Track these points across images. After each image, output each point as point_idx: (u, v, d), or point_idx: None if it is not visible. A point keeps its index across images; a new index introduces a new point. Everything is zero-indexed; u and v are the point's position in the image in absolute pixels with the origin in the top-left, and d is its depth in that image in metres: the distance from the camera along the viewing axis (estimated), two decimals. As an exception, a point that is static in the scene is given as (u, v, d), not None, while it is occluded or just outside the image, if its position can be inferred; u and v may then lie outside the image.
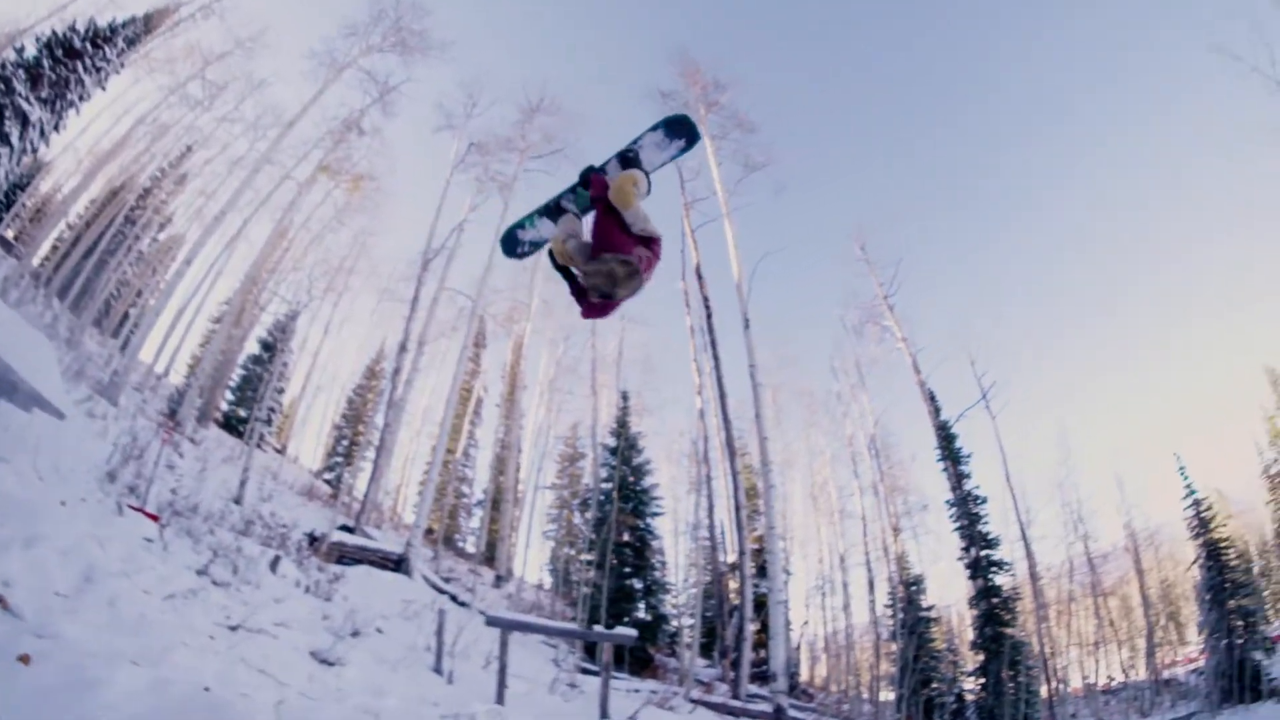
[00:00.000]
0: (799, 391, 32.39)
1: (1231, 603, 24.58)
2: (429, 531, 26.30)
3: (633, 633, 10.76)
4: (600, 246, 3.78)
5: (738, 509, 20.56)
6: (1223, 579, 25.35)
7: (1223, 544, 27.18)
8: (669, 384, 70.74)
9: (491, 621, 9.66)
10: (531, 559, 66.00)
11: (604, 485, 23.65)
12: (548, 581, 27.85)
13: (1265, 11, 19.87)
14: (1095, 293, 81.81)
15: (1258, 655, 23.09)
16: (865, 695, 27.31)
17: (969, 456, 25.17)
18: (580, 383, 29.97)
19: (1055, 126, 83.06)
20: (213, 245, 24.81)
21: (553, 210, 4.38)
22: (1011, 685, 22.24)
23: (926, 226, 75.69)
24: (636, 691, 14.82)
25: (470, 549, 31.52)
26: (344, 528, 16.95)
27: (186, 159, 31.41)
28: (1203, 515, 26.70)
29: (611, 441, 24.53)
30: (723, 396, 21.82)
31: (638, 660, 19.91)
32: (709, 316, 22.29)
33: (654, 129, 4.19)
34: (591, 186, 4.05)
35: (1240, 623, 23.94)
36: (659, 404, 36.56)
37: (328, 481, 30.46)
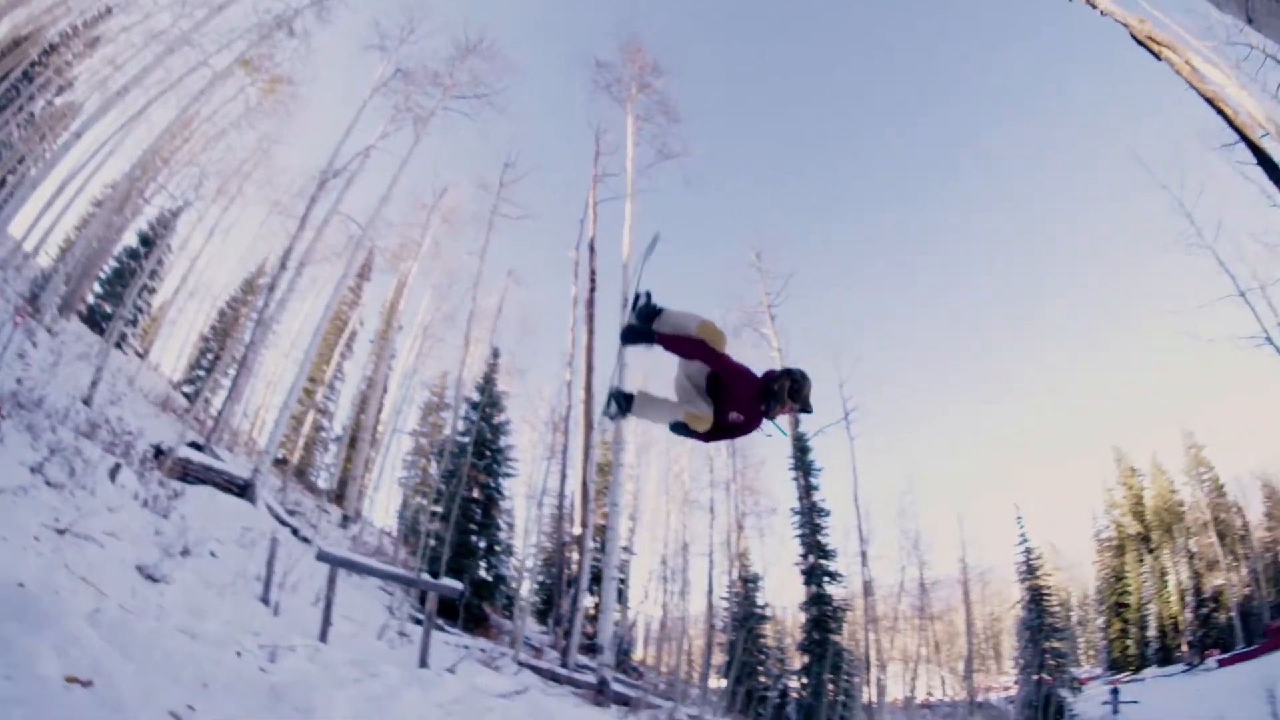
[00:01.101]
0: (669, 381, 32.95)
1: (1046, 643, 27.22)
2: (281, 462, 25.73)
3: (459, 585, 11.04)
4: (737, 381, 4.10)
5: (587, 482, 21.32)
6: (1041, 621, 27.97)
7: (1046, 590, 30.04)
8: (543, 349, 72.98)
9: (322, 557, 9.75)
10: (383, 504, 65.45)
11: (461, 438, 23.66)
12: (396, 529, 27.58)
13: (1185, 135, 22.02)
14: (970, 342, 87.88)
15: (1064, 692, 26.02)
16: (694, 680, 28.52)
17: (820, 470, 26.96)
18: (456, 332, 29.58)
19: (953, 173, 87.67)
20: (110, 121, 23.10)
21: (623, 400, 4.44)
22: (832, 688, 23.85)
23: (821, 250, 79.08)
24: (466, 648, 15.05)
25: (322, 485, 30.69)
26: (194, 445, 16.47)
27: (103, 21, 28.49)
28: (1031, 562, 29.38)
29: (476, 396, 24.50)
30: (590, 369, 22.55)
31: (473, 618, 20.20)
32: (592, 290, 22.90)
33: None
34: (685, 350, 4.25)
35: (1052, 661, 26.62)
36: (530, 367, 36.96)
37: (186, 395, 29.15)
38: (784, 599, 29.66)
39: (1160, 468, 41.96)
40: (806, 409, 4.07)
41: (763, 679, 25.92)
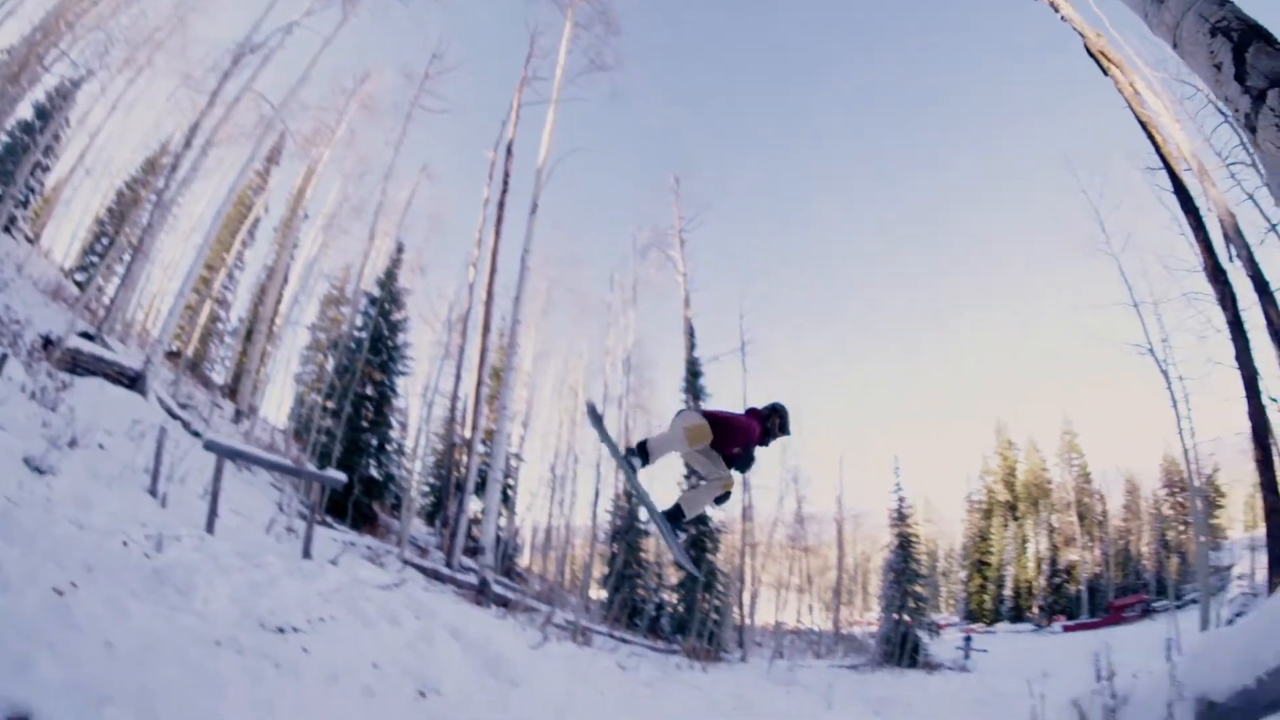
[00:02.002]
0: (572, 291, 33.28)
1: (909, 587, 29.20)
2: (175, 354, 24.89)
3: (342, 476, 11.06)
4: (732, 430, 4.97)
5: (480, 385, 21.75)
6: (906, 566, 29.94)
7: (914, 539, 32.11)
8: (449, 248, 70.60)
9: (210, 446, 9.79)
10: (277, 399, 63.75)
11: (358, 333, 23.52)
12: (289, 426, 27.03)
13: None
14: (872, 295, 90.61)
15: (921, 633, 28.14)
16: (576, 588, 29.77)
17: (710, 396, 28.02)
18: (362, 225, 28.71)
19: (900, 126, 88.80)
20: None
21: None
22: (705, 605, 25.35)
23: (737, 183, 79.44)
24: (352, 544, 15.33)
25: (217, 379, 29.82)
26: (85, 335, 16.01)
27: None
28: (903, 510, 31.27)
29: (376, 291, 24.21)
30: (493, 272, 22.63)
31: (362, 516, 20.56)
32: (504, 192, 22.80)
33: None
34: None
35: (913, 604, 28.65)
36: (433, 266, 36.59)
37: (78, 283, 27.76)
38: None
39: (1035, 446, 45.43)
40: (789, 433, 5.23)
41: (641, 591, 27.11)
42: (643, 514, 27.56)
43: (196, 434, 14.72)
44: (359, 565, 11.06)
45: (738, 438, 5.02)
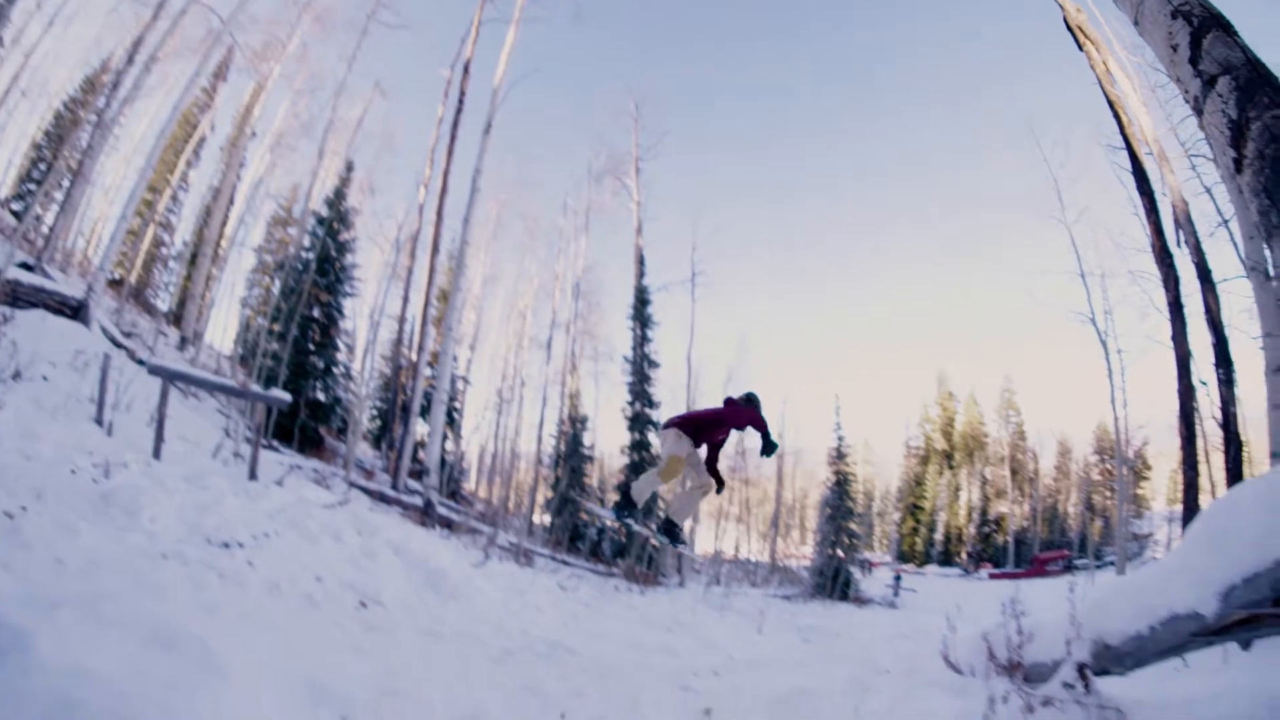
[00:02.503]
0: (525, 215, 33.13)
1: (844, 523, 30.09)
2: (118, 282, 24.05)
3: (286, 396, 11.08)
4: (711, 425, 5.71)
5: (427, 306, 21.66)
6: (842, 503, 30.77)
7: (851, 477, 32.99)
8: (399, 168, 68.93)
9: (154, 370, 9.78)
10: (223, 325, 62.44)
11: (305, 254, 23.11)
12: (235, 351, 26.58)
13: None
14: (823, 233, 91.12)
15: (853, 569, 29.08)
16: (521, 513, 30.21)
17: (657, 324, 28.41)
18: (311, 143, 27.67)
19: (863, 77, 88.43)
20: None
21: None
22: (645, 530, 25.77)
23: (695, 113, 78.73)
24: (298, 467, 15.37)
25: (161, 306, 28.94)
26: (24, 265, 15.57)
27: None
28: (841, 449, 31.99)
29: (324, 211, 23.74)
30: (444, 192, 22.21)
31: (308, 440, 20.53)
32: (459, 112, 22.26)
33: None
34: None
35: (847, 541, 29.55)
36: (384, 186, 35.89)
37: (14, 213, 26.51)
38: (610, 443, 31.08)
39: (975, 400, 47.13)
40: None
41: (583, 516, 27.43)
42: (587, 438, 28.59)
43: (141, 363, 14.42)
44: (304, 486, 11.14)
45: (718, 430, 5.74)
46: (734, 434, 5.75)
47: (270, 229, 29.45)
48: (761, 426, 5.54)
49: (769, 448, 5.55)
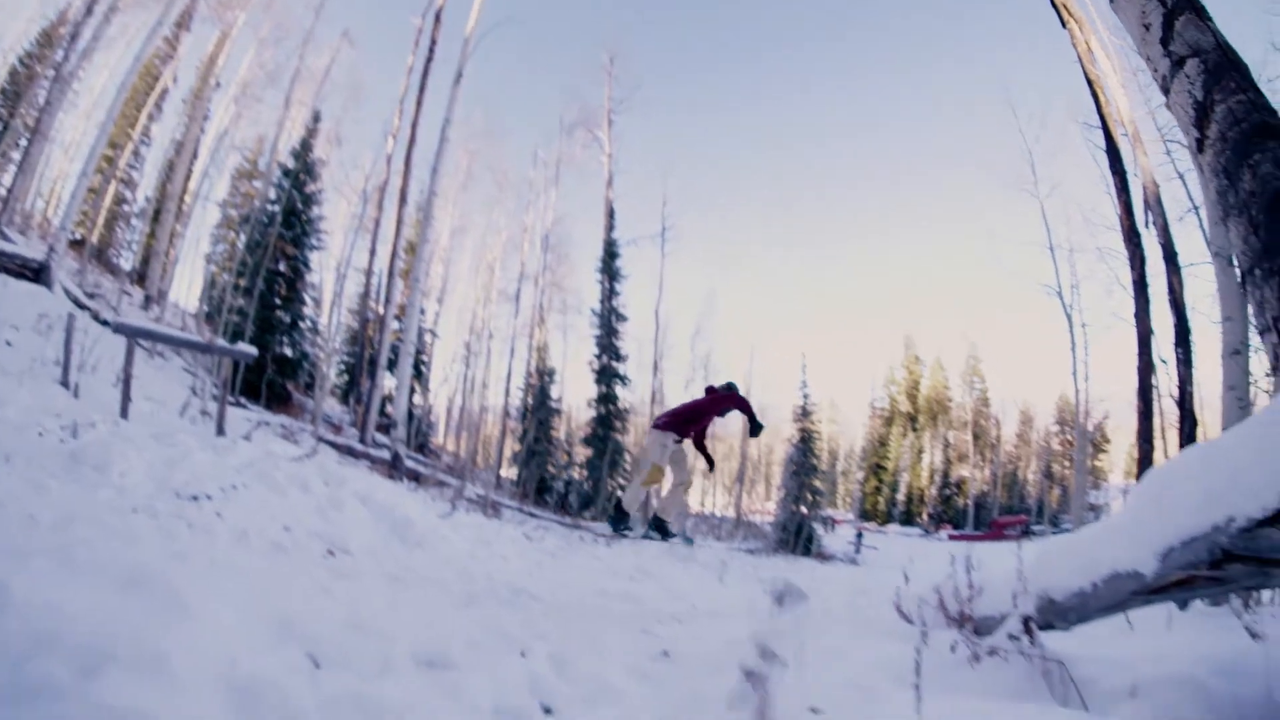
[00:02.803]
0: (494, 167, 32.96)
1: (808, 480, 30.62)
2: (79, 242, 23.51)
3: (252, 349, 11.00)
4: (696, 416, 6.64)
5: (394, 258, 21.59)
6: (806, 460, 31.26)
7: (815, 434, 33.50)
8: (366, 119, 67.56)
9: (118, 329, 9.67)
10: (188, 282, 61.41)
11: (271, 207, 22.87)
12: (200, 309, 26.30)
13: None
14: (794, 193, 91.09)
15: (816, 525, 29.71)
16: (489, 467, 30.50)
17: (626, 277, 28.75)
18: (277, 93, 27.47)
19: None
20: None
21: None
22: (610, 483, 26.50)
23: (670, 68, 79.62)
24: (266, 423, 15.32)
25: (124, 266, 28.23)
26: None
27: None
28: (806, 406, 32.44)
29: (290, 163, 23.42)
30: (412, 142, 22.00)
31: (276, 396, 20.54)
32: (429, 61, 21.91)
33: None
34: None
35: (810, 497, 30.10)
36: (351, 137, 35.16)
37: None
38: (577, 396, 31.33)
39: (941, 365, 48.08)
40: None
41: (550, 468, 28.06)
42: (555, 391, 29.00)
43: (105, 323, 14.29)
44: (272, 441, 11.02)
45: (704, 418, 6.62)
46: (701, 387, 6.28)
47: (235, 182, 28.78)
48: (746, 409, 6.44)
49: (756, 429, 6.39)
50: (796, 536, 28.70)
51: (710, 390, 6.61)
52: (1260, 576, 2.91)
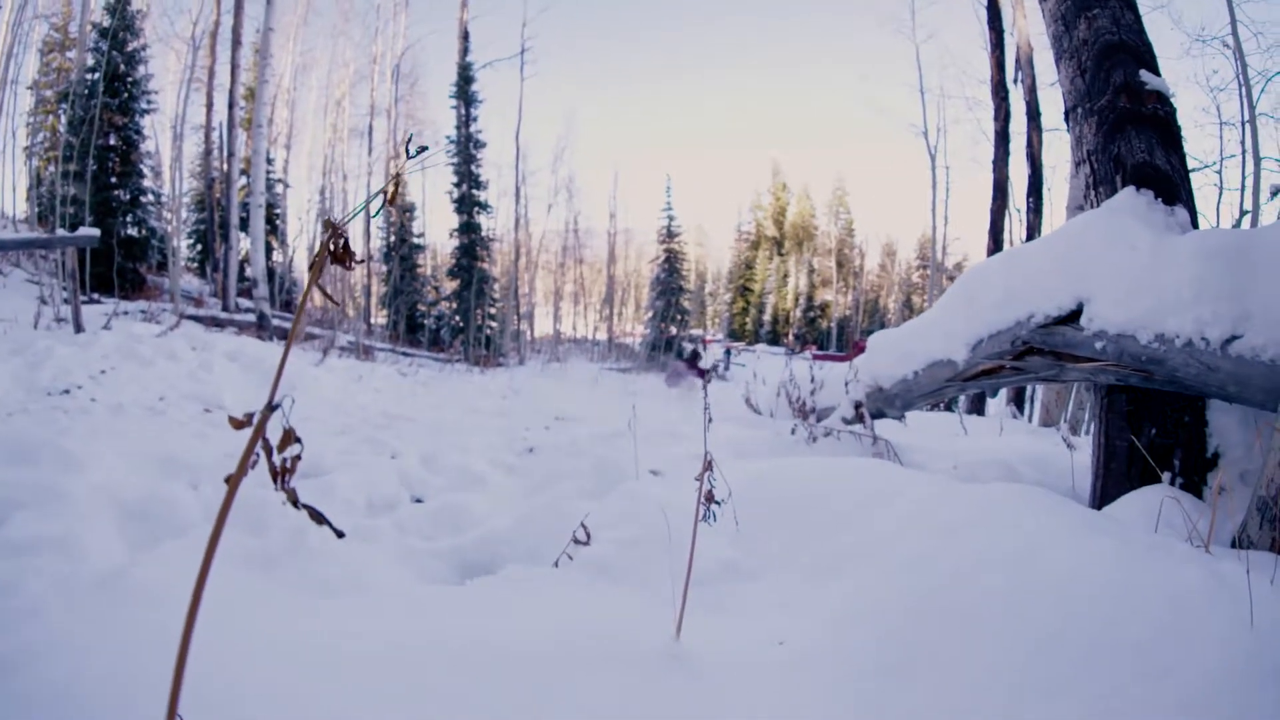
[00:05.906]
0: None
1: (676, 300, 31.49)
2: None
3: (95, 232, 10.37)
4: None
5: (233, 107, 19.66)
6: (673, 280, 32.01)
7: (682, 256, 34.13)
8: None
9: None
10: (11, 182, 54.83)
11: (90, 76, 20.16)
12: (31, 212, 23.67)
13: None
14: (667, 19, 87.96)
15: (685, 343, 30.78)
16: (359, 311, 29.70)
17: (482, 102, 27.83)
18: None
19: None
20: None
21: None
22: (479, 314, 26.70)
23: None
24: (125, 312, 14.38)
25: None
26: None
27: None
28: (672, 229, 32.87)
29: (106, 20, 20.47)
30: None
31: (129, 282, 18.97)
32: None
33: None
34: None
35: (678, 317, 31.03)
36: None
37: None
38: (440, 230, 30.73)
39: (808, 194, 49.33)
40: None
41: (420, 307, 28.04)
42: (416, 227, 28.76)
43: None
44: (133, 325, 11.03)
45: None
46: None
47: (45, 59, 24.18)
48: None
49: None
50: (665, 354, 29.75)
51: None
52: (1056, 368, 3.45)
